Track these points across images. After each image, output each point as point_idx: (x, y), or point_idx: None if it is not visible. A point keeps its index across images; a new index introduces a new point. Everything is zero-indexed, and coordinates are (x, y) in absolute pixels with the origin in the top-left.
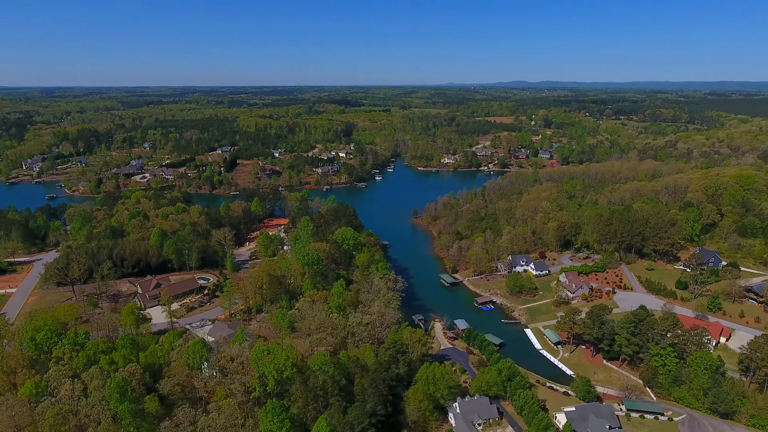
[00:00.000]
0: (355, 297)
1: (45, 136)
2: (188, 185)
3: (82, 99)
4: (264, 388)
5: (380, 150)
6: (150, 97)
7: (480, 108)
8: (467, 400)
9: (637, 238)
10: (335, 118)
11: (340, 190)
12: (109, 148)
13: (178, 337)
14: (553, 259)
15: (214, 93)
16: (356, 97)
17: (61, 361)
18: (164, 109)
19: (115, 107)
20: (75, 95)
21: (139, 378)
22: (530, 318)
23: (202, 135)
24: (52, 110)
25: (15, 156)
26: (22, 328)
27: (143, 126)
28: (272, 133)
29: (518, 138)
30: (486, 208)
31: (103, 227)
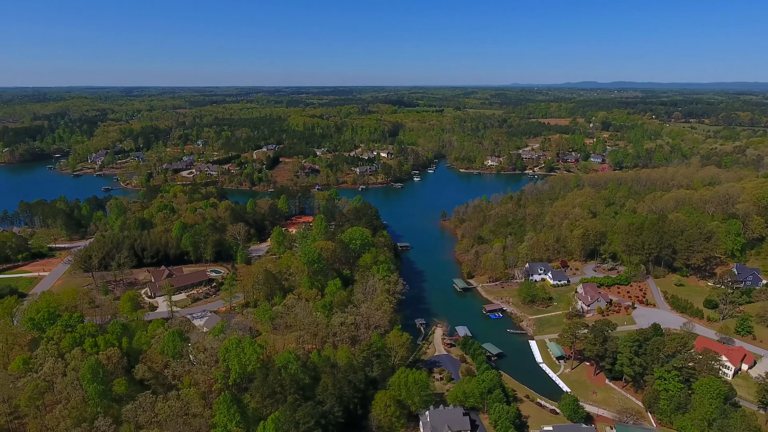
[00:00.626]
0: (348, 297)
1: (112, 133)
2: (230, 181)
3: (153, 98)
4: (226, 380)
5: (422, 151)
6: (216, 97)
7: (537, 109)
8: (439, 410)
9: (667, 251)
10: (384, 118)
11: (376, 190)
12: (166, 144)
13: (161, 325)
14: (576, 269)
15: (278, 93)
16: (413, 98)
17: (51, 341)
18: (226, 108)
19: (182, 106)
20: (150, 94)
21: (116, 362)
22: (538, 329)
23: (252, 133)
24: (125, 108)
25: (83, 150)
26: (27, 308)
27: (202, 124)
28: (318, 132)
29: (569, 141)
30: (515, 213)
31: (133, 218)
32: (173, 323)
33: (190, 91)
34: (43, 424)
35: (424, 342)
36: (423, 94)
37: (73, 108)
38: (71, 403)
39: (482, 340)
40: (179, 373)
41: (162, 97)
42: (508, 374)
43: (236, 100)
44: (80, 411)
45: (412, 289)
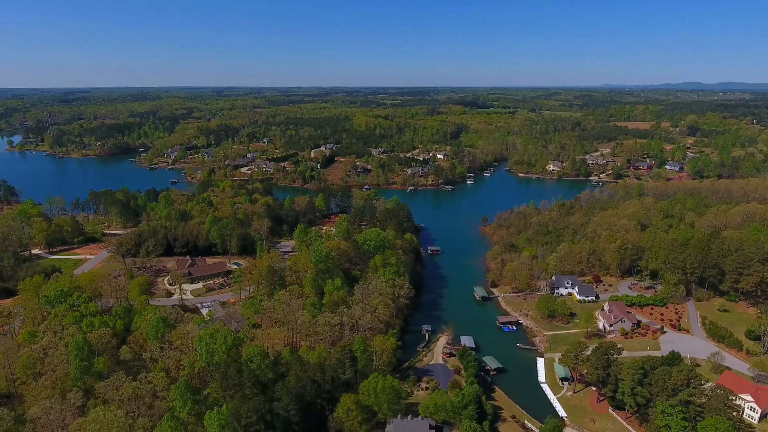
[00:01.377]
0: (344, 298)
1: (190, 130)
2: (284, 178)
3: (238, 98)
4: (193, 368)
5: (480, 154)
6: (297, 96)
7: (620, 112)
8: (405, 420)
9: (711, 271)
10: (448, 119)
11: (425, 191)
12: (235, 141)
13: (153, 311)
14: (609, 285)
15: (356, 93)
16: (489, 99)
17: (56, 317)
18: (301, 107)
19: (261, 105)
20: (237, 94)
21: (106, 341)
22: (550, 347)
23: (315, 132)
24: (210, 107)
25: (161, 146)
26: (47, 286)
27: (273, 122)
28: (378, 132)
29: (644, 146)
30: (557, 222)
31: (175, 210)
32: (166, 311)
33: (274, 91)
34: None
35: (424, 349)
36: (502, 95)
37: (165, 106)
38: (55, 375)
39: (488, 353)
40: (156, 357)
41: (246, 97)
42: (504, 391)
43: (313, 100)
44: (62, 383)
45: (429, 295)
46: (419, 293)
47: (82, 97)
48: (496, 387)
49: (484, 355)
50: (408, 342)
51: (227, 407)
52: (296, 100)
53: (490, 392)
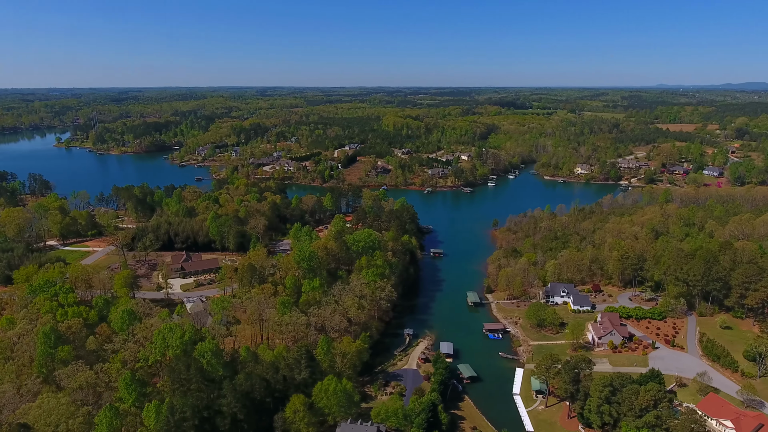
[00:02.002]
0: (318, 298)
1: (223, 129)
2: (304, 177)
3: (278, 98)
4: (147, 360)
5: (505, 155)
6: (337, 96)
7: (666, 113)
8: (352, 425)
9: (715, 285)
10: (479, 120)
11: (443, 193)
12: (264, 140)
13: (125, 303)
14: (609, 295)
15: (397, 93)
16: (530, 99)
17: (34, 306)
18: (337, 107)
19: (299, 105)
20: (279, 94)
21: (76, 331)
22: (533, 357)
23: (343, 132)
24: (250, 107)
25: (193, 144)
26: (37, 276)
27: (306, 122)
28: (404, 132)
29: (683, 150)
30: (568, 227)
31: (182, 207)
32: (138, 304)
33: (315, 91)
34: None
35: (401, 353)
36: (545, 95)
37: (207, 105)
38: (20, 361)
39: (469, 360)
40: (117, 348)
41: (286, 96)
42: (474, 400)
43: (351, 100)
44: (27, 369)
45: (421, 298)
46: (411, 296)
47: (132, 96)
48: (467, 396)
49: (463, 362)
50: (388, 345)
51: (168, 401)
52: (334, 99)
53: (458, 401)
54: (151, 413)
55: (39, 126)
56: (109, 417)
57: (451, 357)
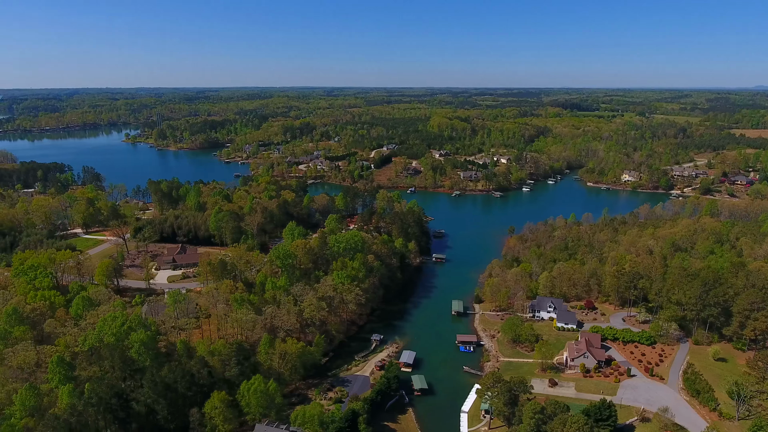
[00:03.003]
0: (278, 297)
1: (274, 127)
2: (335, 177)
3: (339, 98)
4: (83, 345)
5: (547, 159)
6: (399, 97)
7: (747, 117)
8: (267, 427)
9: (712, 310)
10: (531, 122)
11: (473, 197)
12: (308, 139)
13: (91, 290)
14: (602, 314)
15: (462, 93)
16: (599, 101)
17: (12, 287)
18: (394, 107)
19: (357, 105)
20: (346, 94)
21: (41, 313)
22: (499, 374)
23: (386, 132)
24: (309, 106)
25: (241, 142)
26: (29, 260)
27: (357, 122)
28: (446, 134)
29: (750, 158)
30: (582, 238)
31: (193, 201)
32: (98, 292)
33: (380, 91)
34: None
35: (361, 359)
36: (619, 96)
37: (270, 105)
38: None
39: (428, 372)
40: (64, 332)
41: (352, 96)
42: (417, 414)
43: (411, 101)
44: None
45: (405, 303)
46: (396, 301)
47: (206, 96)
48: (411, 409)
49: (424, 373)
50: (354, 349)
51: (88, 385)
52: (395, 100)
53: (400, 413)
54: (64, 394)
55: (116, 123)
56: (25, 395)
57: (410, 367)
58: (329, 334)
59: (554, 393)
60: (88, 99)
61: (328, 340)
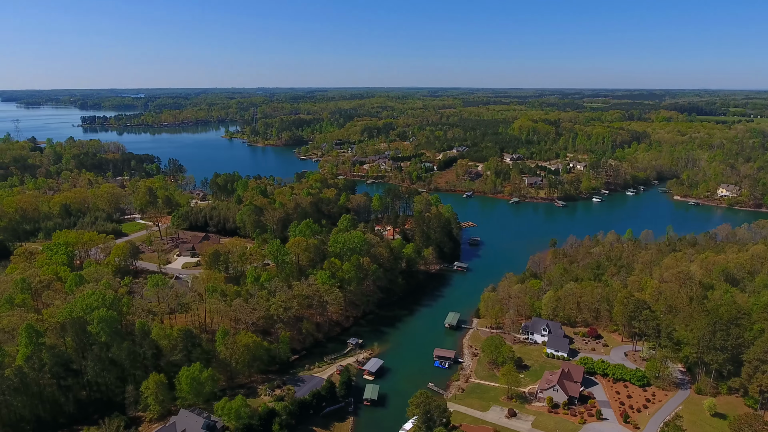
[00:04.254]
0: (254, 290)
1: (357, 126)
2: (395, 177)
3: (437, 98)
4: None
5: (629, 168)
6: (504, 98)
7: None
8: (191, 414)
9: (716, 356)
10: (628, 126)
11: (534, 205)
12: (384, 139)
13: (94, 269)
14: (604, 345)
15: (576, 95)
16: (728, 104)
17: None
18: (488, 109)
19: (452, 106)
20: (450, 94)
21: (46, 284)
22: (460, 397)
23: (464, 134)
24: (404, 106)
25: (319, 140)
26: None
27: (443, 123)
28: (523, 137)
29: None
30: (622, 258)
31: (235, 195)
32: (95, 273)
33: (485, 92)
34: None
35: (329, 361)
36: (763, 100)
37: (366, 105)
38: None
39: (392, 383)
40: (49, 303)
41: (447, 97)
42: (356, 424)
43: (506, 102)
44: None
45: (402, 311)
46: (392, 307)
47: (312, 96)
48: (352, 418)
49: (388, 383)
50: (329, 350)
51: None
52: (493, 101)
53: (337, 420)
54: (19, 358)
55: (224, 120)
56: (27, 334)
57: (372, 375)
58: (302, 333)
59: (506, 425)
60: (210, 98)
61: (302, 338)
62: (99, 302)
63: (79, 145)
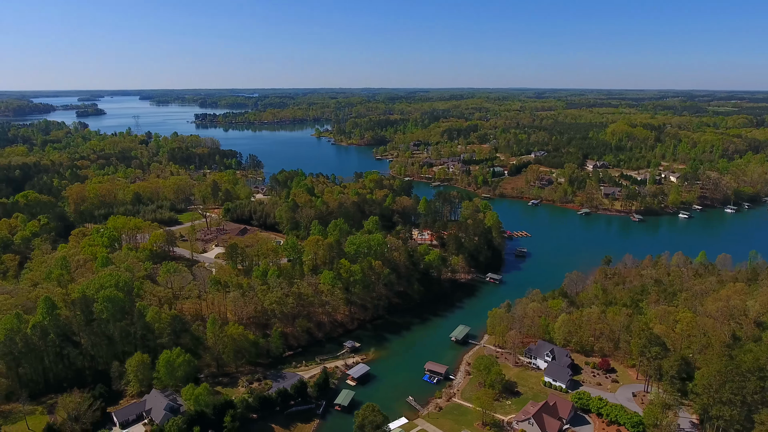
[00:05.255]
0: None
1: (442, 127)
2: (462, 181)
3: (538, 100)
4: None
5: (733, 182)
6: (614, 100)
7: None
8: (162, 394)
9: (723, 410)
10: (748, 134)
11: (607, 217)
12: (463, 141)
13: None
14: (614, 380)
15: (703, 98)
16: None
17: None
18: (592, 111)
19: (552, 107)
20: (558, 96)
21: (82, 263)
22: (433, 415)
23: (549, 138)
24: (501, 108)
25: (400, 140)
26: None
27: (533, 126)
28: (613, 142)
29: None
30: (674, 284)
31: (284, 191)
32: (124, 257)
33: (599, 93)
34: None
35: (319, 361)
36: None
37: (462, 106)
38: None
39: (372, 391)
40: (75, 278)
41: (551, 99)
42: (318, 426)
43: (620, 104)
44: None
45: (413, 318)
46: (405, 313)
47: (412, 96)
48: (318, 421)
49: (371, 392)
50: (326, 350)
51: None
52: (601, 103)
53: (300, 421)
54: (29, 324)
55: (320, 119)
56: (7, 319)
57: (356, 381)
58: (300, 330)
59: None
60: (312, 98)
61: (299, 335)
62: (111, 282)
63: (180, 139)
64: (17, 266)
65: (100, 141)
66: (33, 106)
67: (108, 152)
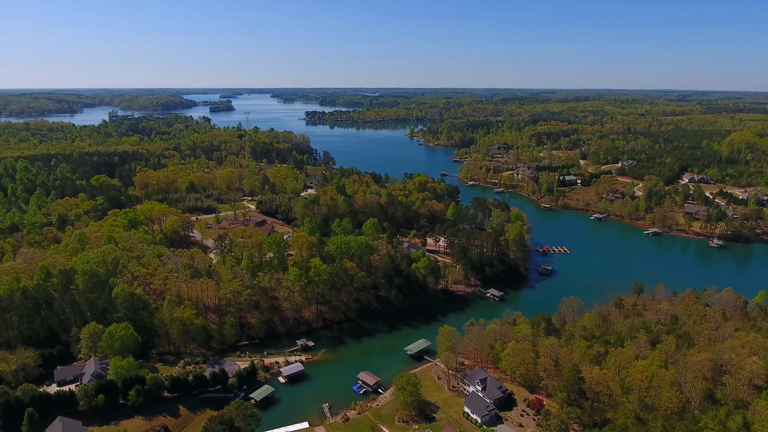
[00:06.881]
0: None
1: (537, 130)
2: (526, 189)
3: (672, 103)
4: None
5: None
6: (742, 105)
7: None
8: (96, 359)
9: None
10: None
11: (683, 240)
12: (552, 146)
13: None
14: (539, 422)
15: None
16: None
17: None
18: (732, 118)
19: (686, 112)
20: (710, 98)
21: (96, 239)
22: (332, 427)
23: (651, 146)
24: (621, 111)
25: (486, 143)
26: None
27: (640, 132)
28: (723, 154)
29: None
30: (686, 324)
31: (319, 189)
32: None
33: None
34: None
35: (266, 354)
36: None
37: (578, 108)
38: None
39: (300, 391)
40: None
41: (692, 102)
42: None
43: (737, 108)
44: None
45: (383, 326)
46: (377, 319)
47: (533, 97)
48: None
49: (297, 392)
50: (281, 344)
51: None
52: (752, 108)
53: (211, 408)
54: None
55: (422, 118)
56: (9, 282)
57: (286, 379)
58: (259, 321)
59: None
60: (423, 98)
61: (259, 327)
62: (99, 259)
63: (272, 135)
64: (52, 238)
65: (202, 134)
66: (178, 102)
67: (198, 144)
